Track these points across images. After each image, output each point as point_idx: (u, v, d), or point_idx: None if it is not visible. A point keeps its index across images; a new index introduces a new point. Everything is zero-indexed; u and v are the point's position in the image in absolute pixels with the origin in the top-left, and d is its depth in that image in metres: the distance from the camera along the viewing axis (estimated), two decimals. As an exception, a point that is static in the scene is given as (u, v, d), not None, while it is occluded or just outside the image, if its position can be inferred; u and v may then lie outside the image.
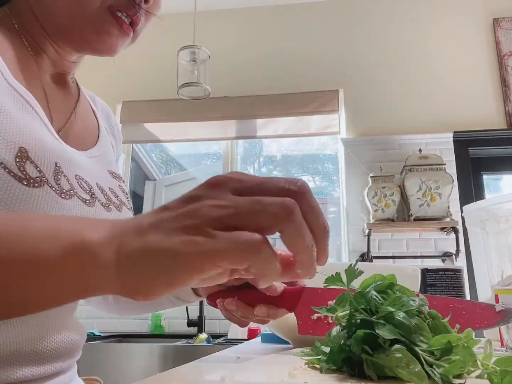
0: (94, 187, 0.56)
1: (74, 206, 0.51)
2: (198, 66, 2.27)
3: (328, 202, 4.85)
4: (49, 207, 0.48)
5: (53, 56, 0.58)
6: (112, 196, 0.60)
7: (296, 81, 2.89)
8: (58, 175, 0.50)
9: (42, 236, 0.32)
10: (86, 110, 0.67)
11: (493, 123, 2.65)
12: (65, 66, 0.61)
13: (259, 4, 3.06)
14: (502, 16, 2.81)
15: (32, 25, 0.56)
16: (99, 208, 0.56)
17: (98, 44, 0.56)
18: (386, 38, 2.89)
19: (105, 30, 0.55)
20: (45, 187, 0.47)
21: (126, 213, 0.62)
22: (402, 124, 2.72)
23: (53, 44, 0.57)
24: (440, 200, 2.39)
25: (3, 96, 0.48)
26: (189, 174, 3.54)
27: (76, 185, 0.53)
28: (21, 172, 0.45)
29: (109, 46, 0.56)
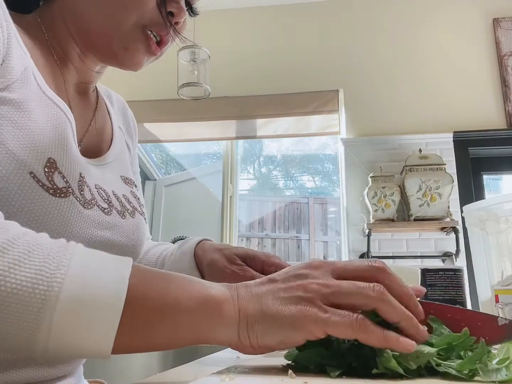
0: (111, 195, 0.58)
1: (94, 215, 0.53)
2: (198, 66, 2.27)
3: (328, 202, 4.85)
4: (73, 217, 0.49)
5: (78, 65, 0.59)
6: (126, 203, 0.61)
7: (296, 81, 2.89)
8: (82, 186, 0.51)
9: (181, 289, 0.37)
10: (103, 116, 0.67)
11: (493, 123, 2.65)
12: (88, 76, 0.62)
13: (259, 4, 3.06)
14: (502, 16, 2.81)
15: (62, 33, 0.56)
16: (115, 216, 0.57)
17: (125, 60, 0.57)
18: (386, 38, 2.89)
19: (135, 47, 0.56)
20: (70, 198, 0.49)
21: (138, 219, 0.63)
22: (402, 124, 2.72)
23: (80, 53, 0.58)
24: (440, 200, 2.39)
25: (36, 104, 0.49)
26: (189, 174, 3.54)
27: (96, 195, 0.54)
28: (49, 182, 0.47)
29: (136, 62, 0.57)
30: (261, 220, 4.81)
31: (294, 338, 0.37)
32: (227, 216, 2.96)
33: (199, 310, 0.36)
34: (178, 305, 0.36)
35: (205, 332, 0.37)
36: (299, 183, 5.31)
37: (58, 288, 0.32)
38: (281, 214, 4.82)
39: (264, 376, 0.37)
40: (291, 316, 0.37)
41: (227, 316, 0.37)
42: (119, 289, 0.34)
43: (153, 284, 0.37)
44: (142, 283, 0.36)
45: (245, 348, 0.38)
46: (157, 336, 0.36)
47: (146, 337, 0.35)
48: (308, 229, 4.71)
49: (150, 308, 0.35)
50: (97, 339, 0.33)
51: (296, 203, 4.86)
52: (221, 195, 3.00)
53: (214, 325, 0.37)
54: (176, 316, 0.36)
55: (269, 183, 5.21)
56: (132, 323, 0.34)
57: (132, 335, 0.35)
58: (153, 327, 0.35)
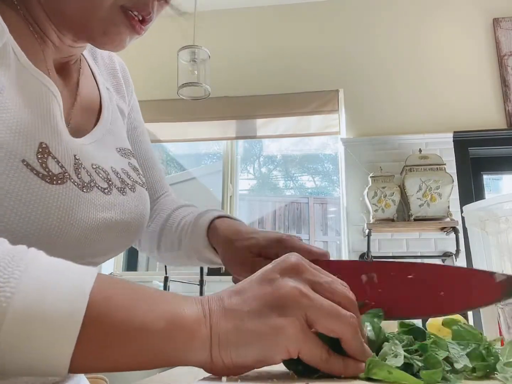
0: (109, 172, 0.55)
1: (94, 198, 0.50)
2: (198, 66, 2.27)
3: (328, 202, 4.85)
4: (73, 204, 0.46)
5: (57, 42, 0.55)
6: (125, 178, 0.58)
7: (296, 81, 2.89)
8: (79, 168, 0.48)
9: (148, 309, 0.34)
10: (87, 85, 0.62)
11: (493, 123, 2.65)
12: (69, 51, 0.57)
13: (259, 4, 3.06)
14: (502, 16, 2.81)
15: (37, 12, 0.52)
16: (116, 194, 0.54)
17: (104, 43, 0.53)
18: (386, 38, 2.89)
19: (116, 31, 0.51)
20: (68, 183, 0.46)
21: (139, 191, 0.60)
22: (402, 124, 2.72)
23: (57, 32, 0.54)
24: (440, 200, 2.39)
25: (18, 82, 0.45)
26: (189, 174, 3.54)
27: (94, 175, 0.51)
28: (44, 169, 0.44)
29: (117, 44, 0.53)
30: (261, 220, 4.81)
31: (271, 357, 0.35)
32: (227, 216, 2.96)
33: (167, 331, 0.34)
34: (144, 326, 0.33)
35: (174, 355, 0.34)
36: (299, 183, 5.31)
37: (6, 304, 0.29)
38: (281, 214, 4.81)
39: (265, 377, 0.37)
40: (267, 332, 0.34)
41: (198, 336, 0.34)
42: (77, 307, 0.31)
43: (117, 301, 0.34)
44: (104, 299, 0.33)
45: (219, 370, 0.35)
46: (120, 358, 0.33)
47: (108, 358, 0.33)
48: (308, 229, 4.71)
49: (112, 328, 0.32)
50: (51, 358, 0.31)
51: (296, 203, 4.85)
52: (221, 195, 3.00)
53: (183, 347, 0.34)
54: (141, 338, 0.33)
55: (269, 183, 5.21)
56: (91, 343, 0.32)
57: (92, 356, 0.32)
58: (116, 349, 0.33)
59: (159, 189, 0.77)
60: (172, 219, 0.72)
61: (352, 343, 0.37)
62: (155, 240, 0.73)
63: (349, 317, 0.37)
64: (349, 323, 0.36)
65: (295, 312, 0.35)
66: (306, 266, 0.39)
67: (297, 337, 0.35)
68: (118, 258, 2.99)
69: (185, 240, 0.67)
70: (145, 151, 0.76)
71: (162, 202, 0.77)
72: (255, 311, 0.35)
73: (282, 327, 0.34)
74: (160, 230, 0.72)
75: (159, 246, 0.73)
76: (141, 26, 0.53)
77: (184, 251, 0.68)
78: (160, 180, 0.78)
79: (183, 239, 0.68)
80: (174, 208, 0.74)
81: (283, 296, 0.36)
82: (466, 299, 0.39)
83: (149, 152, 0.77)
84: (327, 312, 0.36)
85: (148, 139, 0.78)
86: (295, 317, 0.35)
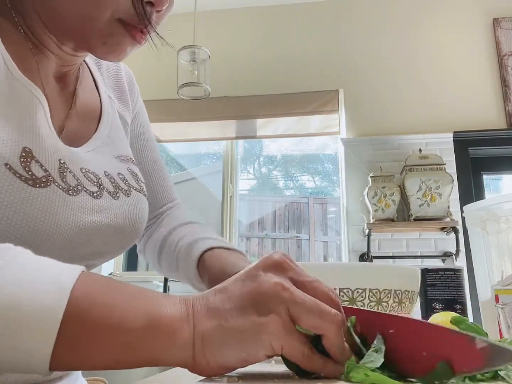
0: (102, 176, 0.55)
1: (82, 201, 0.50)
2: (198, 66, 2.27)
3: (328, 202, 4.85)
4: (57, 206, 0.47)
5: (56, 52, 0.55)
6: (120, 182, 0.58)
7: (296, 81, 2.89)
8: (64, 172, 0.49)
9: (130, 307, 0.34)
10: (86, 92, 0.62)
11: (493, 123, 2.65)
12: (70, 60, 0.57)
13: (259, 4, 3.06)
14: (502, 16, 2.81)
15: (35, 23, 0.52)
16: (107, 198, 0.54)
17: (105, 53, 0.53)
18: (386, 38, 2.89)
19: (115, 41, 0.51)
20: (52, 186, 0.46)
21: (135, 196, 0.60)
22: (402, 124, 2.72)
23: (56, 42, 0.54)
24: (440, 200, 2.39)
25: (4, 90, 0.46)
26: (189, 174, 3.54)
27: (83, 179, 0.51)
28: (27, 173, 0.44)
29: (117, 55, 0.53)
30: (261, 220, 4.80)
31: (255, 354, 0.35)
32: (227, 216, 2.96)
33: (147, 330, 0.33)
34: (123, 324, 0.33)
35: (155, 354, 0.34)
36: (299, 183, 5.31)
37: None
38: (281, 214, 4.81)
39: (267, 377, 0.37)
40: (250, 329, 0.34)
41: (180, 335, 0.34)
42: (58, 303, 0.31)
43: (99, 298, 0.33)
44: (85, 296, 0.33)
45: (202, 370, 0.35)
46: (101, 356, 0.33)
47: (89, 356, 0.33)
48: (308, 229, 4.71)
49: (93, 325, 0.32)
50: (31, 355, 0.31)
51: (296, 203, 4.85)
52: (221, 195, 3.00)
53: (164, 346, 0.34)
54: (121, 336, 0.33)
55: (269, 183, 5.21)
56: (72, 340, 0.32)
57: (72, 353, 0.32)
58: (97, 346, 0.33)
59: (165, 196, 0.76)
60: (171, 238, 0.71)
61: (334, 341, 0.36)
62: (156, 254, 0.73)
63: (333, 314, 0.36)
64: (333, 320, 0.36)
65: (277, 307, 0.35)
66: (290, 264, 0.39)
67: (279, 332, 0.34)
68: (118, 258, 2.99)
69: (180, 265, 0.68)
70: (150, 157, 0.75)
71: (169, 216, 0.76)
72: (238, 308, 0.35)
73: (264, 323, 0.34)
74: (160, 246, 0.72)
75: (159, 260, 0.73)
76: (142, 36, 0.52)
77: (181, 274, 0.69)
78: (166, 188, 0.77)
79: (179, 264, 0.68)
80: (176, 225, 0.74)
81: (265, 292, 0.35)
82: (448, 364, 0.33)
83: (154, 158, 0.76)
84: (310, 307, 0.36)
85: (154, 145, 0.77)
86: (278, 312, 0.35)
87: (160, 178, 0.76)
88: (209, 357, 0.34)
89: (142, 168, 0.73)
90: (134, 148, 0.73)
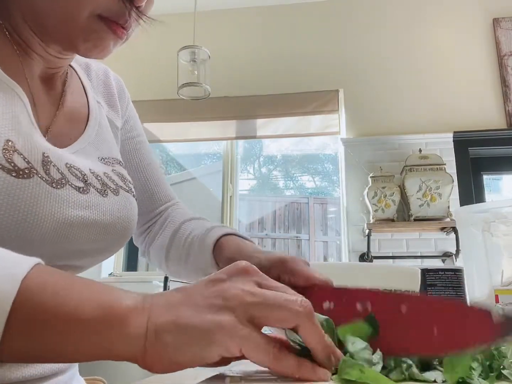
0: (87, 173, 0.55)
1: (67, 194, 0.50)
2: (198, 66, 2.27)
3: (328, 202, 4.85)
4: (40, 198, 0.47)
5: (41, 53, 0.56)
6: (107, 181, 0.58)
7: (296, 81, 2.89)
8: (47, 165, 0.49)
9: (84, 297, 0.34)
10: (75, 97, 0.64)
11: (493, 123, 2.65)
12: (55, 62, 0.59)
13: (259, 4, 3.06)
14: (502, 16, 2.81)
15: (20, 26, 0.54)
16: (94, 195, 0.54)
17: (88, 50, 0.54)
18: (386, 39, 2.89)
19: (96, 36, 0.53)
20: (35, 178, 0.47)
21: (124, 196, 0.60)
22: (402, 124, 2.72)
23: (41, 43, 0.55)
24: (440, 200, 2.39)
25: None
26: (189, 174, 3.55)
27: (67, 173, 0.52)
28: (9, 164, 0.45)
29: (100, 51, 0.55)
30: (261, 220, 4.81)
31: (209, 353, 0.34)
32: (227, 216, 2.96)
33: (98, 320, 0.33)
34: (75, 314, 0.32)
35: (104, 346, 0.33)
36: (299, 183, 5.31)
37: None
38: (281, 214, 4.82)
39: (269, 377, 0.37)
40: (205, 327, 0.33)
41: (132, 327, 0.33)
42: (6, 292, 0.31)
43: (52, 288, 0.33)
44: (38, 285, 0.32)
45: (153, 365, 0.34)
46: (50, 347, 0.32)
47: (40, 347, 0.32)
48: (308, 229, 4.71)
49: (43, 314, 0.32)
50: None
51: (296, 203, 4.86)
52: (221, 195, 3.00)
53: (114, 337, 0.33)
54: (72, 326, 0.32)
55: (269, 183, 5.21)
56: (20, 330, 0.31)
57: (22, 344, 0.31)
58: (47, 337, 0.32)
59: (163, 196, 0.77)
60: (180, 232, 0.72)
61: (310, 331, 0.35)
62: (163, 252, 0.73)
63: (299, 301, 0.35)
64: (300, 306, 0.35)
65: (236, 309, 0.34)
66: (255, 270, 0.38)
67: (235, 333, 0.33)
68: (118, 258, 2.99)
69: (193, 256, 0.67)
70: (145, 159, 0.76)
71: (172, 215, 0.76)
72: (197, 306, 0.35)
73: (219, 322, 0.33)
74: (169, 243, 0.72)
75: (167, 259, 0.73)
76: (123, 31, 0.54)
77: (191, 266, 0.69)
78: (163, 188, 0.77)
79: (191, 255, 0.68)
80: (182, 221, 0.74)
81: (225, 295, 0.35)
82: (461, 339, 0.34)
83: (149, 160, 0.76)
84: (272, 302, 0.35)
85: (148, 147, 0.78)
86: (236, 313, 0.34)
87: (156, 179, 0.76)
88: (161, 352, 0.33)
89: (138, 170, 0.73)
90: (127, 150, 0.74)
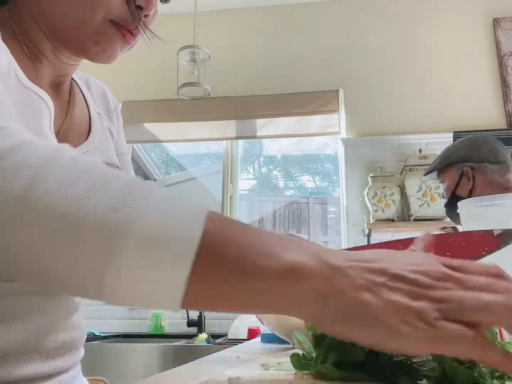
0: None
1: None
2: (198, 66, 2.27)
3: (328, 202, 4.85)
4: None
5: (52, 60, 0.59)
6: None
7: (296, 81, 2.89)
8: None
9: (261, 246, 0.32)
10: (79, 106, 0.67)
11: (493, 123, 2.65)
12: (64, 69, 0.62)
13: (259, 4, 3.06)
14: (502, 16, 2.80)
15: (32, 30, 0.57)
16: None
17: (97, 54, 0.58)
18: (386, 38, 2.89)
19: (107, 40, 0.56)
20: None
21: None
22: (402, 124, 2.72)
23: (52, 48, 0.58)
24: (440, 200, 2.39)
25: (19, 98, 0.49)
26: (189, 174, 3.55)
27: None
28: None
29: (109, 55, 0.58)
30: (261, 220, 4.80)
31: (382, 343, 0.31)
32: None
33: (278, 280, 0.31)
34: (256, 268, 0.31)
35: (286, 302, 0.32)
36: (299, 183, 5.31)
37: (132, 222, 0.30)
38: (281, 214, 4.81)
39: (269, 377, 0.37)
40: (392, 326, 0.30)
41: (315, 292, 0.31)
42: (194, 230, 0.30)
43: (232, 235, 0.32)
44: (219, 229, 0.31)
45: (324, 329, 0.33)
46: (230, 294, 0.31)
47: (219, 292, 0.31)
48: (308, 229, 4.71)
49: (226, 259, 0.31)
50: (167, 282, 0.30)
51: (296, 203, 4.85)
52: (221, 195, 3.00)
53: (292, 299, 0.32)
54: (250, 279, 0.31)
55: (269, 183, 5.21)
56: (204, 270, 0.30)
57: (204, 286, 0.31)
58: (227, 283, 0.31)
59: None
60: None
61: None
62: None
63: (503, 302, 0.31)
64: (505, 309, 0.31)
65: (428, 313, 0.31)
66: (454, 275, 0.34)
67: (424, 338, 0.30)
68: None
69: None
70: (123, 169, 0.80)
71: None
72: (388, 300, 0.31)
73: (409, 325, 0.30)
74: None
75: None
76: (131, 36, 0.58)
77: None
78: None
79: None
80: None
81: (431, 275, 0.32)
82: (470, 252, 0.46)
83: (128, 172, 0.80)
84: (475, 306, 0.31)
85: (129, 166, 0.81)
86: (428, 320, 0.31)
87: None
88: (338, 324, 0.32)
89: None
90: None
